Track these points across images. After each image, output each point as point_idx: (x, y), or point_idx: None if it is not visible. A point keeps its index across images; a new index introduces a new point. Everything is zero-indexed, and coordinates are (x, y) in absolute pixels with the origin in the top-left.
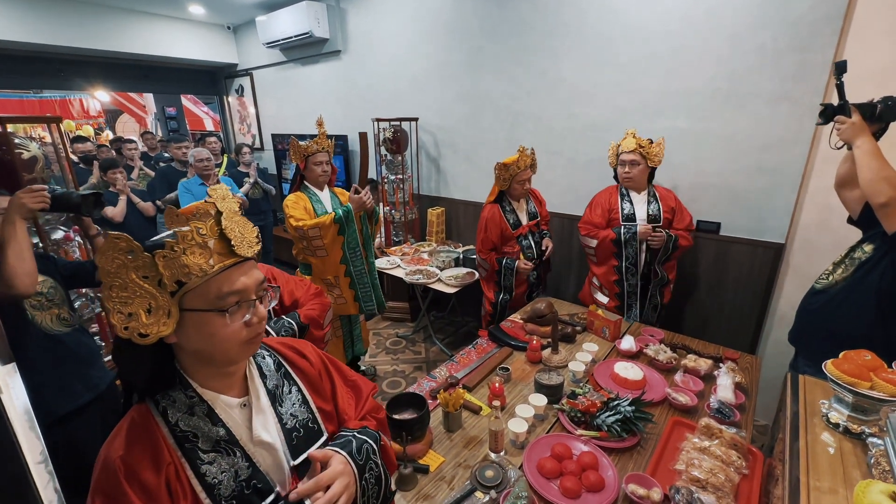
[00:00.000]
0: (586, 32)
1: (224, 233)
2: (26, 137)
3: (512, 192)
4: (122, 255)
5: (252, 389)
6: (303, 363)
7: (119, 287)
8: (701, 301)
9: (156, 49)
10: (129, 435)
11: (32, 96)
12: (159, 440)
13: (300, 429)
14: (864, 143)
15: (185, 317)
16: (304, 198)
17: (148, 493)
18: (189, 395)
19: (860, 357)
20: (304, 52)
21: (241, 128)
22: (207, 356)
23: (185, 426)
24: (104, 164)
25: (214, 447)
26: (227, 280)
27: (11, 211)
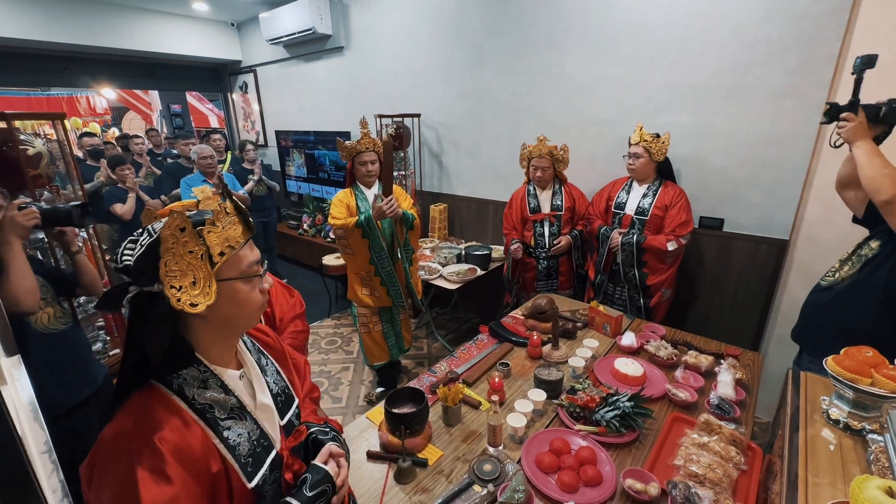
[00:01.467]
0: (589, 27)
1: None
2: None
3: (529, 174)
4: (176, 232)
5: (246, 362)
6: (268, 340)
7: (172, 262)
8: (703, 297)
9: (161, 46)
10: (159, 412)
11: (40, 94)
12: (184, 413)
13: (281, 394)
14: (865, 143)
15: (220, 287)
16: (350, 195)
17: (189, 462)
18: (202, 370)
19: (861, 353)
20: (307, 48)
21: (246, 125)
22: (234, 323)
23: (201, 399)
24: (112, 160)
25: (230, 414)
26: (248, 252)
27: (7, 231)
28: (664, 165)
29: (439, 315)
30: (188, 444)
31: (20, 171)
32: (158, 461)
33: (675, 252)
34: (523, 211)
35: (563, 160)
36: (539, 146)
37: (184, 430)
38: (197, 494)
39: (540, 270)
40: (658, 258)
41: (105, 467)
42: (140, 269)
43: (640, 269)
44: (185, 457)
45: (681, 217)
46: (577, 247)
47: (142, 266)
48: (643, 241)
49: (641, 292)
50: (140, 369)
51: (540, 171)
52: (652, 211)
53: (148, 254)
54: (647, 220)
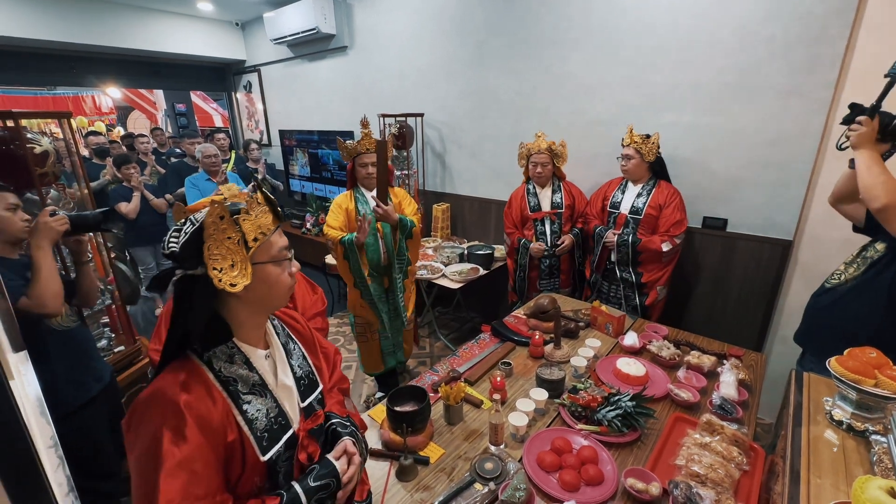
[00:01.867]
0: (592, 26)
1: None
2: (38, 132)
3: (528, 172)
4: (217, 220)
5: (273, 344)
6: (298, 326)
7: (214, 247)
8: (706, 298)
9: (166, 46)
10: (188, 381)
11: (46, 93)
12: (210, 383)
13: (304, 378)
14: (869, 150)
15: (254, 269)
16: (350, 199)
17: (208, 428)
18: (230, 346)
19: (865, 354)
20: (310, 48)
21: (249, 124)
22: (266, 302)
23: (227, 373)
24: (118, 159)
25: (251, 390)
26: (278, 238)
27: (41, 236)
28: (658, 165)
29: (442, 314)
30: (209, 413)
31: (27, 170)
32: (181, 424)
33: (669, 252)
34: (523, 210)
35: (561, 155)
36: (537, 142)
37: (207, 399)
38: (210, 460)
39: (542, 269)
40: (653, 258)
41: (138, 423)
42: (185, 255)
43: (635, 268)
44: (205, 424)
45: (675, 216)
46: (578, 245)
47: (186, 252)
48: (638, 242)
49: (637, 290)
50: (182, 344)
51: (539, 167)
52: (646, 210)
53: (192, 240)
54: (642, 219)
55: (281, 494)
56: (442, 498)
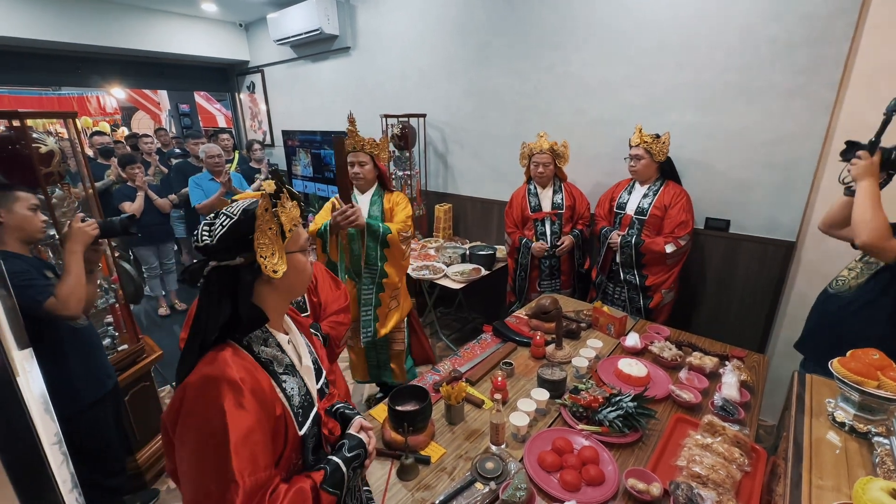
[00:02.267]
0: (595, 26)
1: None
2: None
3: (530, 171)
4: (264, 212)
5: (291, 330)
6: (299, 318)
7: (261, 237)
8: (709, 299)
9: (170, 47)
10: (236, 362)
11: (51, 93)
12: (253, 364)
13: (315, 362)
14: (870, 184)
15: (288, 258)
16: (334, 201)
17: (263, 401)
18: (263, 331)
19: (868, 356)
20: (314, 48)
21: (253, 124)
22: (294, 288)
23: (264, 355)
24: (123, 159)
25: (285, 370)
26: (303, 231)
27: (75, 241)
28: (667, 165)
29: (444, 315)
30: (261, 386)
31: (33, 169)
32: (239, 396)
33: (674, 254)
34: (524, 210)
35: (563, 156)
36: (540, 142)
37: (256, 374)
38: (267, 430)
39: (543, 270)
40: (657, 260)
41: (192, 407)
42: (221, 247)
43: (640, 270)
44: (259, 396)
45: (680, 217)
46: (577, 246)
47: (224, 243)
48: (641, 244)
49: (641, 293)
50: (225, 331)
51: (541, 166)
52: (651, 211)
53: (230, 233)
54: (646, 220)
55: (324, 468)
56: (443, 497)
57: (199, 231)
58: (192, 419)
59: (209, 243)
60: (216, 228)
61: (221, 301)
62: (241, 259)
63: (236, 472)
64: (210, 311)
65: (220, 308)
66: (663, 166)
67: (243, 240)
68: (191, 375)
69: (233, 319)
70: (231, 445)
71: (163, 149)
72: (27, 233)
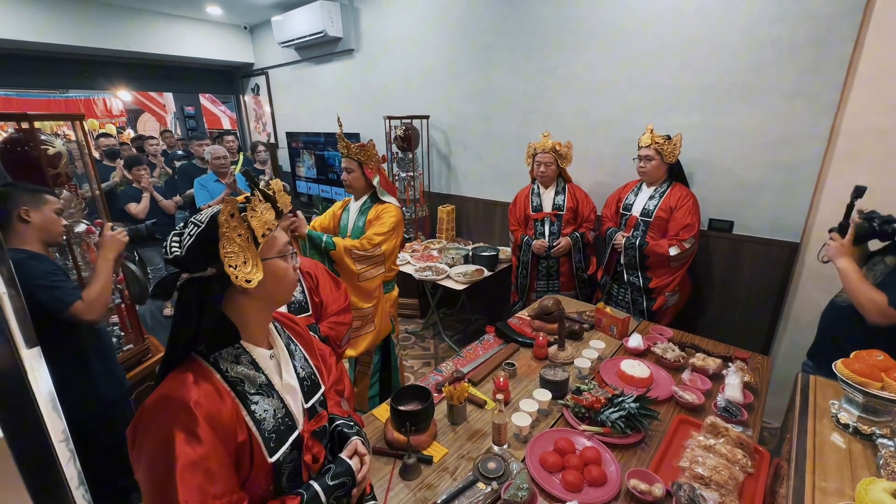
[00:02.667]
0: (597, 27)
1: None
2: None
3: (533, 171)
4: (229, 218)
5: (276, 344)
6: (297, 329)
7: (227, 244)
8: (713, 301)
9: (175, 49)
10: (196, 382)
11: (59, 96)
12: (218, 384)
13: (307, 379)
14: (845, 265)
15: (265, 265)
16: (341, 205)
17: (220, 427)
18: (235, 347)
19: (872, 357)
20: (318, 51)
21: (257, 126)
22: (275, 297)
23: (233, 373)
24: (129, 161)
25: (258, 390)
26: (281, 234)
27: (109, 248)
28: (676, 167)
29: (447, 316)
30: (219, 412)
31: (41, 170)
32: (192, 423)
33: (678, 257)
34: (526, 209)
35: (566, 156)
36: (543, 142)
37: (217, 398)
38: (224, 459)
39: (540, 270)
40: (661, 263)
41: (146, 428)
42: (190, 257)
43: (644, 272)
44: (216, 423)
45: (685, 220)
46: (577, 249)
47: (192, 253)
48: (645, 246)
49: (644, 295)
50: (188, 347)
51: (543, 166)
52: (656, 213)
53: (198, 242)
54: (651, 221)
55: (301, 494)
56: (445, 496)
57: (169, 242)
58: (142, 441)
59: (178, 254)
60: (185, 238)
61: (191, 316)
62: (213, 269)
63: (181, 502)
64: (181, 326)
65: (190, 323)
66: (672, 168)
67: (213, 249)
68: (151, 395)
69: (202, 335)
70: (177, 474)
71: (168, 150)
72: (51, 235)
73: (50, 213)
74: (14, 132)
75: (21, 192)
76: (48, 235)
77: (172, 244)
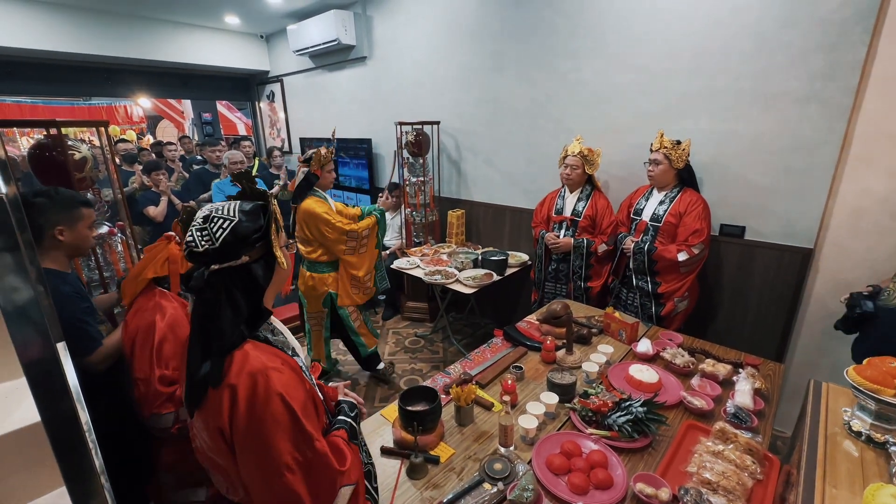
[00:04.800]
0: (607, 33)
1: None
2: (78, 140)
3: (561, 173)
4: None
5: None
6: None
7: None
8: (724, 307)
9: (194, 58)
10: (265, 353)
11: (82, 103)
12: (276, 351)
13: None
14: None
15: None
16: (324, 202)
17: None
18: (269, 323)
19: (885, 364)
20: (331, 58)
21: (272, 132)
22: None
23: (277, 343)
24: (148, 166)
25: (293, 352)
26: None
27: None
28: (686, 173)
29: (456, 320)
30: (293, 368)
31: (68, 174)
32: (284, 378)
33: (687, 262)
34: (550, 210)
35: (592, 162)
36: (574, 145)
37: (285, 359)
38: (310, 403)
39: (549, 272)
40: (670, 268)
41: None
42: (225, 249)
43: (653, 277)
44: (298, 374)
45: (694, 225)
46: (578, 254)
47: (228, 245)
48: (654, 251)
49: (653, 300)
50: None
51: (569, 169)
52: (665, 218)
53: (233, 233)
54: (661, 226)
55: (342, 427)
56: (451, 496)
57: (194, 237)
58: (255, 414)
59: (210, 247)
60: (217, 232)
61: (237, 301)
62: (246, 258)
63: (312, 432)
64: (225, 313)
65: (238, 308)
66: (681, 174)
67: (246, 240)
68: (230, 378)
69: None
70: (300, 416)
71: (186, 156)
72: (81, 250)
73: (84, 229)
74: (43, 138)
75: (57, 208)
76: (78, 251)
77: (201, 238)
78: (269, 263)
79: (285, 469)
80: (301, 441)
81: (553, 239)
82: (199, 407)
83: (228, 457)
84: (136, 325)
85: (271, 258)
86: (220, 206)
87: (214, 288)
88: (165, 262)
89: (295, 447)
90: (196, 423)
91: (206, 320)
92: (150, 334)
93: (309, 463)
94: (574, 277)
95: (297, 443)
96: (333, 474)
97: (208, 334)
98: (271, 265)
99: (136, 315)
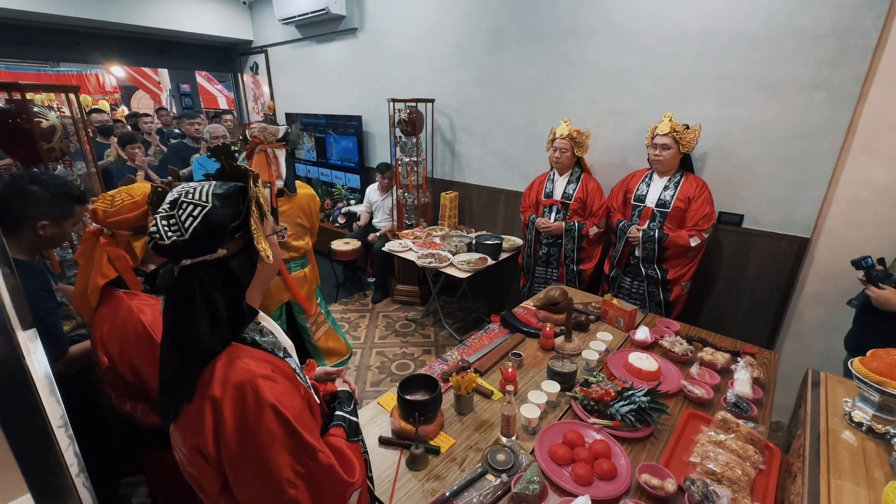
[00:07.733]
0: (611, 14)
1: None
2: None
3: (550, 156)
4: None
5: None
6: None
7: (254, 220)
8: (718, 294)
9: (171, 23)
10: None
11: (50, 70)
12: (265, 355)
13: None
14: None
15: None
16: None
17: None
18: (256, 322)
19: (889, 355)
20: (319, 29)
21: (255, 106)
22: (270, 273)
23: (267, 345)
24: (123, 138)
25: (285, 353)
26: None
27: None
28: (685, 157)
29: (447, 303)
30: (287, 370)
31: (34, 144)
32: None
33: (697, 247)
34: (539, 194)
35: (582, 144)
36: (562, 127)
37: (275, 362)
38: (306, 409)
39: (540, 256)
40: (680, 254)
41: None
42: (197, 241)
43: (661, 264)
44: (290, 379)
45: (704, 210)
46: (570, 237)
47: (201, 236)
48: (665, 238)
49: (662, 287)
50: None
51: (558, 152)
52: (674, 203)
53: (206, 222)
54: (669, 212)
55: (340, 424)
56: (454, 488)
57: (159, 227)
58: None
59: (179, 239)
60: (187, 220)
61: (214, 302)
62: (223, 251)
63: (314, 443)
64: (201, 317)
65: (216, 310)
66: (683, 158)
67: (222, 229)
68: (212, 390)
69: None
70: (298, 428)
71: (163, 129)
72: (53, 245)
73: (69, 227)
74: (5, 103)
75: (51, 203)
76: (50, 246)
77: (166, 230)
78: (251, 257)
79: (287, 485)
80: (302, 453)
81: (545, 223)
82: (174, 421)
83: (207, 474)
84: (119, 338)
85: (254, 251)
86: (191, 187)
87: (187, 287)
88: (108, 262)
89: (295, 459)
90: (174, 435)
91: (179, 324)
92: (145, 338)
93: (313, 475)
94: (566, 261)
95: (296, 455)
96: (343, 486)
97: (183, 340)
98: (254, 259)
99: (111, 328)
